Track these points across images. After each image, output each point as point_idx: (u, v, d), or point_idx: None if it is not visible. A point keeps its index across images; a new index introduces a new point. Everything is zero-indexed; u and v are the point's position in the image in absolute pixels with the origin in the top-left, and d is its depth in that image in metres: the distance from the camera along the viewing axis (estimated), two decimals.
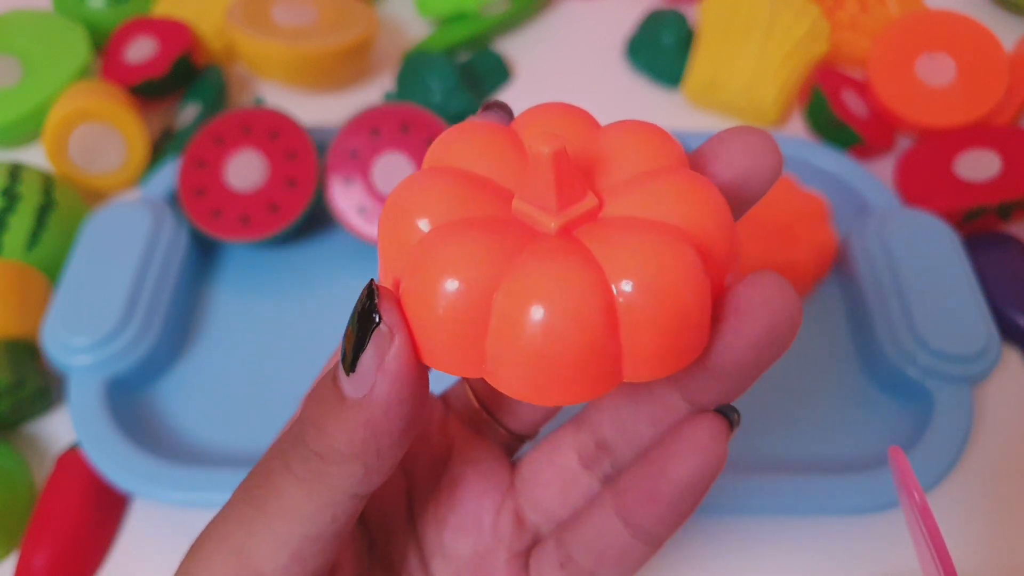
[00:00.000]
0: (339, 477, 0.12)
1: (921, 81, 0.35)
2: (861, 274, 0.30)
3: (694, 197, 0.10)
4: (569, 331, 0.10)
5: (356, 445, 0.12)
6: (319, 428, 0.12)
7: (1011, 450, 0.27)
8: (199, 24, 0.39)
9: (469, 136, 0.12)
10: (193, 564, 0.13)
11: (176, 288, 0.29)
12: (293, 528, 0.13)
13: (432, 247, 0.11)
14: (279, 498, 0.13)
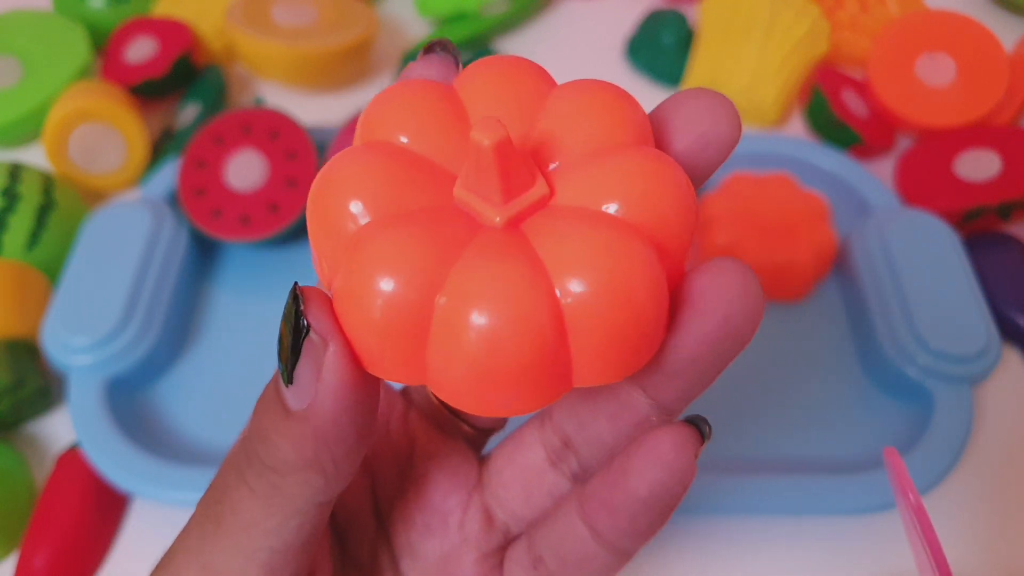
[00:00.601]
0: (297, 488, 0.12)
1: (921, 81, 0.35)
2: (861, 274, 0.30)
3: (652, 180, 0.10)
4: (513, 339, 0.09)
5: (307, 457, 0.11)
6: (268, 442, 0.12)
7: (1011, 450, 0.27)
8: (199, 24, 0.39)
9: (406, 102, 0.11)
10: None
11: (176, 288, 0.29)
12: (258, 542, 0.12)
13: (366, 245, 0.10)
14: (237, 513, 0.12)
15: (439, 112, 0.11)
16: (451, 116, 0.11)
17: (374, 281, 0.09)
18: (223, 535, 0.12)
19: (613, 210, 0.09)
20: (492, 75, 0.11)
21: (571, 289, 0.09)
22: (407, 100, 0.11)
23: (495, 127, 0.09)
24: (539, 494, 0.14)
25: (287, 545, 0.12)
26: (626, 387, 0.12)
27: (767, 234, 0.31)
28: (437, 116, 0.11)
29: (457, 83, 0.11)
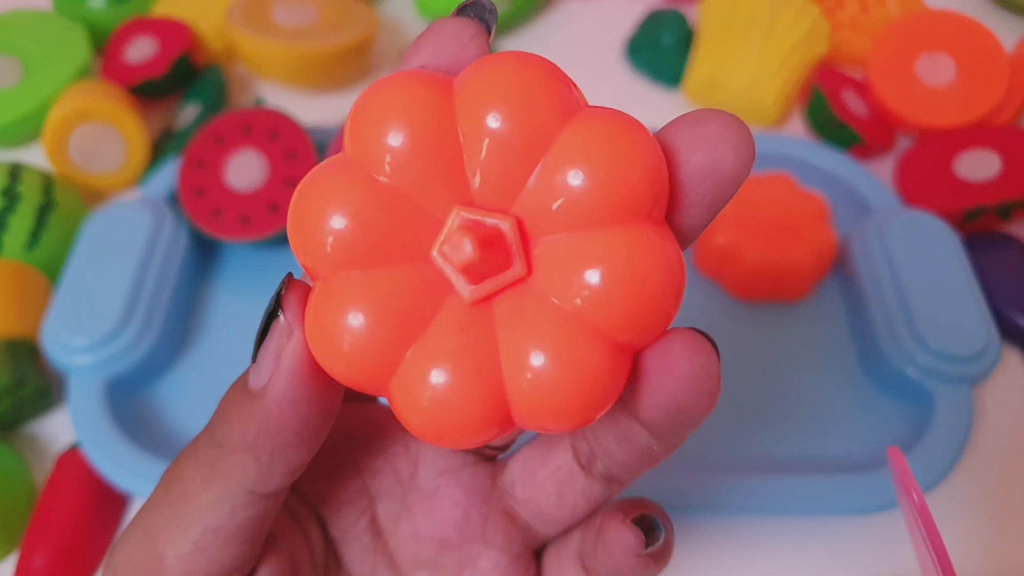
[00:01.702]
0: (233, 468, 0.12)
1: (921, 81, 0.35)
2: (861, 274, 0.30)
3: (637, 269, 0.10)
4: (459, 408, 0.10)
5: (248, 439, 0.12)
6: (223, 416, 0.12)
7: (1011, 450, 0.27)
8: (199, 24, 0.39)
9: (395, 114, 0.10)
10: (117, 541, 0.13)
11: (176, 288, 0.29)
12: (194, 516, 0.12)
13: (344, 292, 0.10)
14: (182, 482, 0.13)
15: (430, 125, 0.10)
16: (443, 133, 0.10)
17: (345, 322, 0.10)
18: (166, 503, 0.13)
19: (593, 290, 0.10)
20: (499, 83, 0.10)
21: (523, 374, 0.10)
22: (395, 107, 0.10)
23: (463, 251, 0.10)
24: (572, 493, 0.15)
25: (220, 526, 0.12)
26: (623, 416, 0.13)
27: (767, 234, 0.31)
28: (427, 130, 0.10)
29: (459, 83, 0.10)
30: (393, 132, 0.10)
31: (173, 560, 0.12)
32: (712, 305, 0.31)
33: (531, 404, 0.10)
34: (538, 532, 0.15)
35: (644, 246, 0.10)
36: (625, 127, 0.10)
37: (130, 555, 0.13)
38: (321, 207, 0.10)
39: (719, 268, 0.31)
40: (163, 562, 0.12)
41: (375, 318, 0.10)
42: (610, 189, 0.10)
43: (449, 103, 0.10)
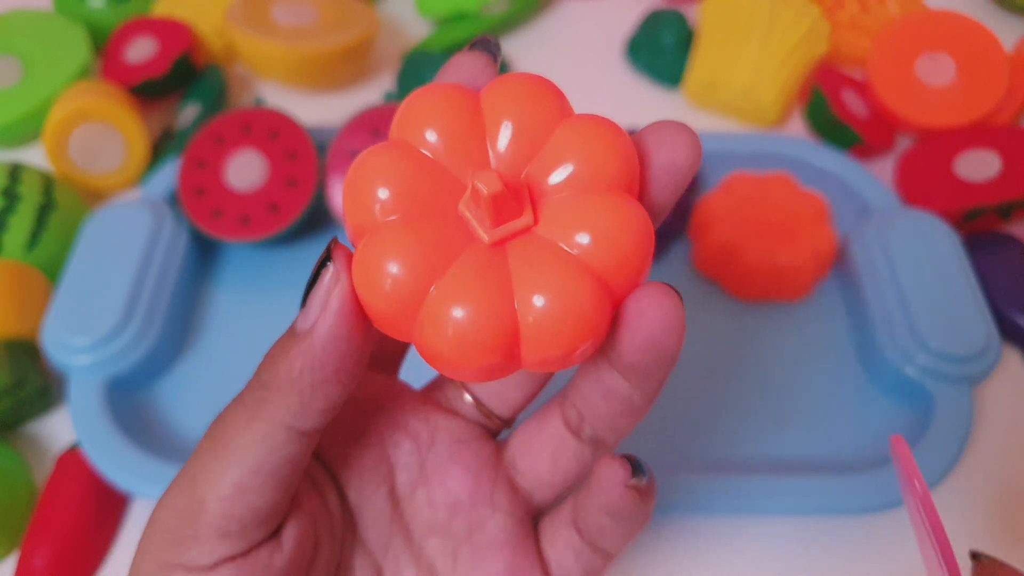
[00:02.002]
0: (275, 405, 0.13)
1: (921, 81, 0.35)
2: (861, 274, 0.30)
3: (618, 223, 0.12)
4: (475, 333, 0.12)
5: (293, 375, 0.13)
6: (269, 361, 0.14)
7: (1011, 450, 0.28)
8: (199, 24, 0.39)
9: (434, 107, 0.13)
10: (157, 506, 0.15)
11: (176, 288, 0.29)
12: (234, 457, 0.14)
13: (387, 234, 0.12)
14: (226, 427, 0.14)
15: (461, 120, 0.13)
16: (471, 126, 0.13)
17: (388, 269, 0.12)
18: (210, 449, 0.14)
19: (585, 241, 0.12)
20: (514, 94, 0.13)
21: (534, 303, 0.12)
22: (435, 105, 0.13)
23: (492, 182, 0.12)
24: (565, 458, 0.17)
25: (258, 467, 0.14)
26: (607, 372, 0.14)
27: (767, 234, 0.31)
28: (459, 123, 0.13)
29: (484, 94, 0.14)
30: (435, 120, 0.13)
31: (214, 503, 0.14)
32: (712, 305, 0.31)
33: (539, 330, 0.12)
34: (536, 500, 0.17)
35: (625, 208, 0.13)
36: (607, 126, 0.13)
37: (171, 504, 0.14)
38: (373, 174, 0.13)
39: (719, 268, 0.31)
40: (204, 505, 0.14)
41: (410, 259, 0.12)
42: (594, 170, 0.13)
43: (477, 105, 0.13)
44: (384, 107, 0.32)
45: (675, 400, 0.17)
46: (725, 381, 0.29)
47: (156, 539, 0.14)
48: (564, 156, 0.13)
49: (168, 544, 0.14)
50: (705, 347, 0.30)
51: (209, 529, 0.14)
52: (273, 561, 0.14)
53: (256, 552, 0.14)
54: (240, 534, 0.14)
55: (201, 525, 0.14)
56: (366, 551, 0.17)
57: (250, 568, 0.14)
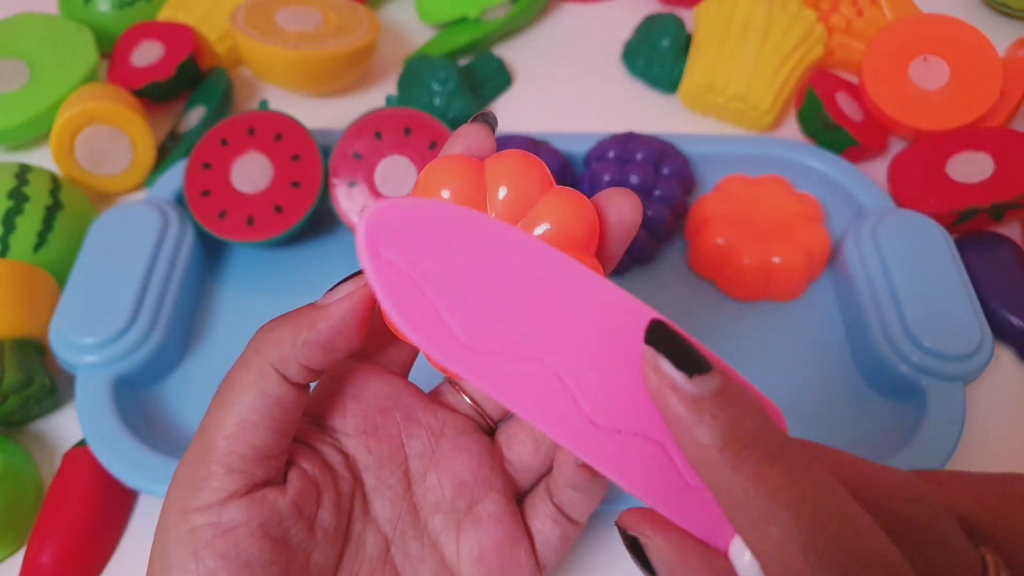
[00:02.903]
0: (270, 347, 0.17)
1: (915, 84, 0.36)
2: (855, 274, 0.30)
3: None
4: None
5: (289, 326, 0.17)
6: (279, 319, 0.17)
7: (1003, 448, 0.28)
8: (204, 28, 0.39)
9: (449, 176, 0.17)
10: (178, 465, 0.17)
11: (182, 288, 0.30)
12: (235, 398, 0.17)
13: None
14: (228, 381, 0.17)
15: (469, 186, 0.17)
16: (476, 190, 0.17)
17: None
18: (216, 403, 0.17)
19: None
20: (511, 168, 0.17)
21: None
22: (449, 172, 0.17)
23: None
24: (545, 447, 0.20)
25: (253, 405, 0.16)
26: None
27: (762, 235, 0.31)
28: (466, 188, 0.17)
29: (487, 164, 0.17)
30: (449, 183, 0.17)
31: (220, 441, 0.16)
32: (708, 305, 0.32)
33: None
34: (521, 482, 0.21)
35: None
36: (577, 199, 0.17)
37: (188, 456, 0.17)
38: None
39: (714, 268, 0.32)
40: (212, 444, 0.16)
41: None
42: (567, 233, 0.16)
43: (481, 174, 0.17)
44: (386, 111, 0.32)
45: None
46: None
47: (176, 492, 0.16)
48: (544, 218, 0.17)
49: (185, 492, 0.16)
50: None
51: (217, 465, 0.16)
52: (276, 504, 0.17)
53: (262, 492, 0.17)
54: (241, 469, 0.16)
55: (210, 462, 0.16)
56: (377, 527, 0.19)
57: (257, 505, 0.16)
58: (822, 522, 0.11)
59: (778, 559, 0.11)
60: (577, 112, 0.39)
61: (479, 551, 0.19)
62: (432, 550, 0.19)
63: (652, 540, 0.14)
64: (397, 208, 0.13)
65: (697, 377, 0.13)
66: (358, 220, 0.13)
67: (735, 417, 0.12)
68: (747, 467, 0.12)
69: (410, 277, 0.13)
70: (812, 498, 0.12)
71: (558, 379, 0.13)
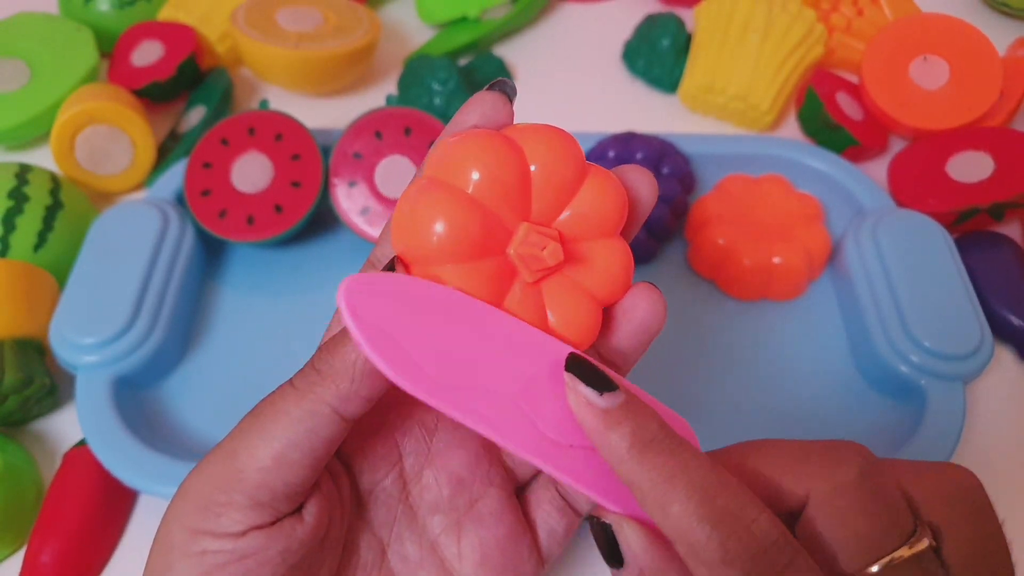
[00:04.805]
0: (326, 388, 0.15)
1: (915, 84, 0.36)
2: (855, 274, 0.30)
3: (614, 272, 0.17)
4: None
5: (347, 363, 0.15)
6: (325, 351, 0.16)
7: (1003, 447, 0.28)
8: (204, 28, 0.39)
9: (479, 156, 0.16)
10: (190, 475, 0.16)
11: (182, 288, 0.30)
12: (278, 430, 0.15)
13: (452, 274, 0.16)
14: (274, 404, 0.16)
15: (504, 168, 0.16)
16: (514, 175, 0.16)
17: None
18: (255, 424, 0.16)
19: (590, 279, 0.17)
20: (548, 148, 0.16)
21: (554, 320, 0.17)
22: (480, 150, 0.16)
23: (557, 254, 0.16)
24: None
25: (299, 441, 0.15)
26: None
27: (763, 234, 0.31)
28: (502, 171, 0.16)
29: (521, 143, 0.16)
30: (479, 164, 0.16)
31: (252, 473, 0.15)
32: (708, 304, 0.32)
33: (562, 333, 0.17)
34: (519, 475, 0.20)
35: (617, 249, 0.17)
36: (613, 184, 0.17)
37: (207, 472, 0.16)
38: (428, 211, 0.15)
39: (715, 268, 0.32)
40: (242, 475, 0.15)
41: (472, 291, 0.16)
42: (602, 219, 0.17)
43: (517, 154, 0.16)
44: (387, 111, 0.32)
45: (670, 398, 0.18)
46: (720, 379, 0.29)
47: (187, 506, 0.16)
48: (584, 207, 0.17)
49: (199, 511, 0.15)
50: (701, 346, 0.30)
51: (243, 497, 0.15)
52: (295, 533, 0.16)
53: (282, 523, 0.16)
54: (270, 505, 0.15)
55: (236, 493, 0.15)
56: (372, 531, 0.19)
57: (276, 537, 0.16)
58: (711, 496, 0.14)
59: (681, 532, 0.14)
60: (577, 112, 0.39)
61: (482, 552, 0.19)
62: (431, 552, 0.19)
63: (623, 527, 0.15)
64: (370, 281, 0.15)
65: (607, 394, 0.15)
66: (337, 296, 0.14)
67: (638, 423, 0.15)
68: (648, 460, 0.14)
69: (386, 332, 0.14)
70: (700, 479, 0.14)
71: (517, 407, 0.15)
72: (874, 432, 0.28)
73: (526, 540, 0.19)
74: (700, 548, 0.14)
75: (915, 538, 0.15)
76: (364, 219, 0.31)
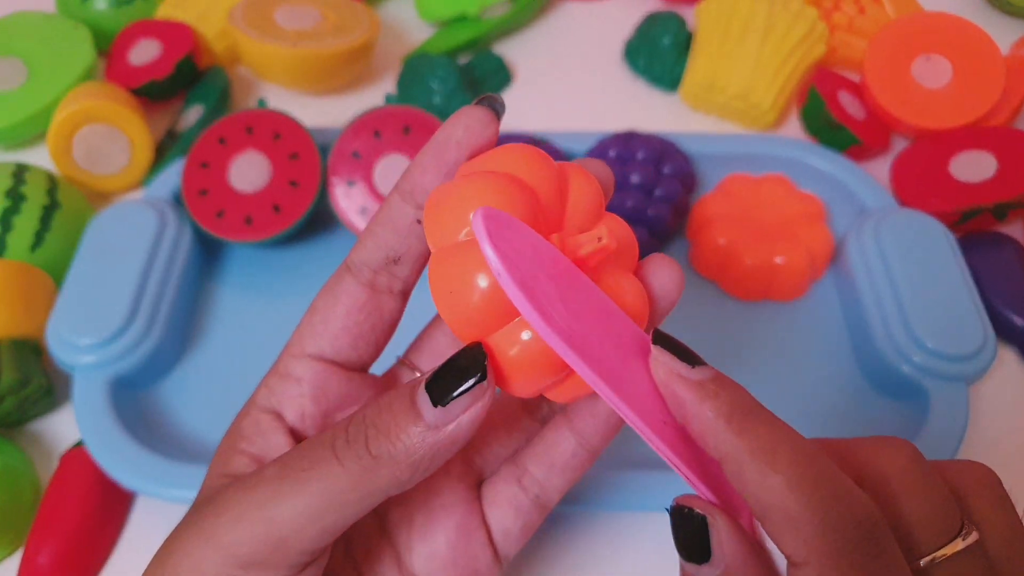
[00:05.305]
0: (385, 479, 0.15)
1: (917, 83, 0.36)
2: (857, 274, 0.30)
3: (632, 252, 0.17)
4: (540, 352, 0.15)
5: (414, 460, 0.15)
6: (386, 435, 0.15)
7: (1006, 448, 0.28)
8: (202, 27, 0.39)
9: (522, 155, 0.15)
10: (218, 522, 0.15)
11: (180, 288, 0.30)
12: (328, 510, 0.15)
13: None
14: (322, 480, 0.15)
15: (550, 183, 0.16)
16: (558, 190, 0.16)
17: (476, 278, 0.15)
18: (298, 496, 0.15)
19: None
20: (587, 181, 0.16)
21: None
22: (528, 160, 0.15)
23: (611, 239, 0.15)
24: (516, 431, 0.20)
25: (347, 519, 0.15)
26: None
27: (764, 234, 0.31)
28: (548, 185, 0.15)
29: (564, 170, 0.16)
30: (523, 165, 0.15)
31: (297, 542, 0.15)
32: (710, 305, 0.31)
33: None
34: (483, 469, 0.20)
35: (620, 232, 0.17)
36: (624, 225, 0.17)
37: (244, 527, 0.15)
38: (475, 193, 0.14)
39: (717, 268, 0.32)
40: (287, 543, 0.15)
41: None
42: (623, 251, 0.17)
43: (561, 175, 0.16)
44: (386, 109, 0.32)
45: None
46: None
47: (220, 556, 0.15)
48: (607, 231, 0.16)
49: (235, 565, 0.15)
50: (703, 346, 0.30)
51: (286, 562, 0.15)
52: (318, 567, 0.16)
53: (312, 566, 0.16)
54: (308, 563, 0.16)
55: (279, 558, 0.15)
56: None
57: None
58: (811, 469, 0.14)
59: (782, 504, 0.13)
60: (578, 110, 0.39)
61: (429, 545, 0.19)
62: (388, 545, 0.19)
63: (717, 519, 0.15)
64: (499, 214, 0.14)
65: (698, 367, 0.15)
66: (472, 218, 0.14)
67: (733, 394, 0.15)
68: (749, 432, 0.14)
69: (518, 267, 0.14)
70: (803, 450, 0.14)
71: (620, 378, 0.15)
72: (876, 433, 0.27)
73: (478, 535, 0.19)
74: (802, 520, 0.13)
75: (966, 530, 0.14)
76: (363, 218, 0.31)
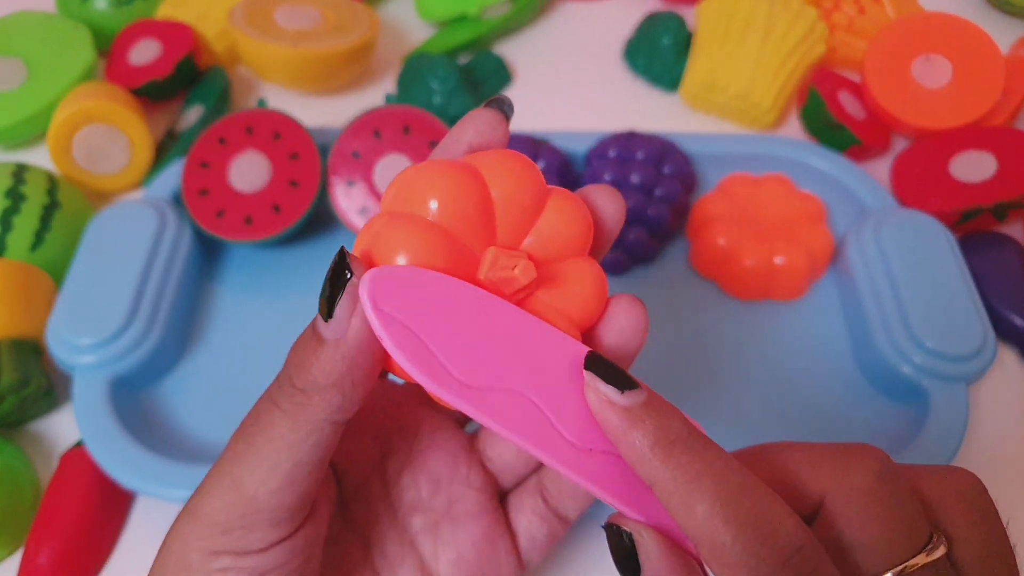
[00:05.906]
0: (319, 406, 0.15)
1: (917, 83, 0.36)
2: (857, 274, 0.30)
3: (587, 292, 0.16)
4: None
5: (333, 377, 0.15)
6: (302, 367, 0.15)
7: (1006, 449, 0.28)
8: (202, 27, 0.39)
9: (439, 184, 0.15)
10: (198, 498, 0.16)
11: (180, 288, 0.30)
12: (281, 456, 0.15)
13: None
14: (267, 430, 0.15)
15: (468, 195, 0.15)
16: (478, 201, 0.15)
17: None
18: (253, 451, 0.15)
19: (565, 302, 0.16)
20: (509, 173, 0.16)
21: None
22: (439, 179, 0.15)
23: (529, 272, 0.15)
24: None
25: (305, 460, 0.15)
26: None
27: (765, 234, 0.31)
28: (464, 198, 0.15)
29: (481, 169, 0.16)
30: (439, 193, 0.15)
31: (266, 498, 0.15)
32: (710, 305, 0.31)
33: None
34: (502, 482, 0.21)
35: (587, 270, 0.17)
36: (574, 203, 0.16)
37: (218, 497, 0.15)
38: (391, 245, 0.15)
39: (717, 268, 0.32)
40: (256, 502, 0.15)
41: None
42: (567, 239, 0.16)
43: (478, 181, 0.15)
44: (385, 109, 0.32)
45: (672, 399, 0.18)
46: (722, 380, 0.29)
47: (202, 530, 0.15)
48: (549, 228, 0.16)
49: (217, 533, 0.15)
50: (702, 347, 0.30)
51: (263, 520, 0.15)
52: (310, 534, 0.16)
53: (302, 529, 0.16)
54: (289, 519, 0.16)
55: (254, 517, 0.15)
56: (355, 529, 0.19)
57: (298, 544, 0.16)
58: (737, 497, 0.13)
59: (706, 533, 0.13)
60: (578, 110, 0.39)
61: (456, 551, 0.19)
62: (411, 550, 0.19)
63: (642, 535, 0.15)
64: (389, 272, 0.14)
65: (628, 392, 0.15)
66: (360, 285, 0.14)
67: (661, 421, 0.14)
68: (673, 460, 0.14)
69: (406, 326, 0.14)
70: (727, 480, 0.14)
71: (538, 409, 0.15)
72: (876, 434, 0.28)
73: (503, 543, 0.20)
74: (725, 550, 0.13)
75: (931, 545, 0.14)
76: (363, 218, 0.31)
